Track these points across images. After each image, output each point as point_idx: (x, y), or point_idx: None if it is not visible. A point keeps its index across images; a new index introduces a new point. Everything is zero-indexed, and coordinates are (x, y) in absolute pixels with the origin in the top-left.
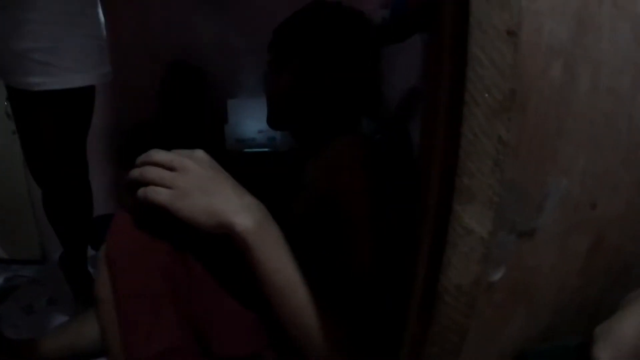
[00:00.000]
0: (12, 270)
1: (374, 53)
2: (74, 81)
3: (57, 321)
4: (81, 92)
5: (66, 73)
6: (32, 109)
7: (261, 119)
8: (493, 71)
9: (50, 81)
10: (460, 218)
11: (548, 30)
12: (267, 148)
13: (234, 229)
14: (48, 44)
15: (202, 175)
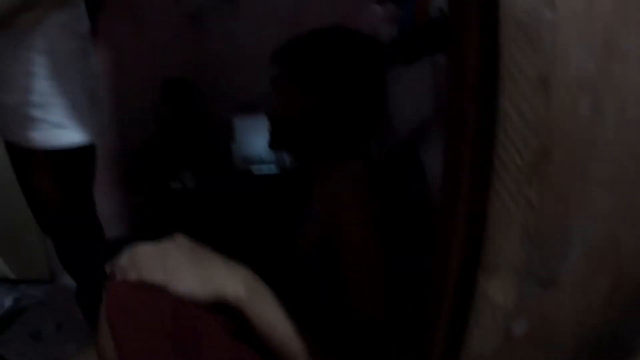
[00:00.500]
0: (20, 290)
1: (383, 77)
2: (66, 138)
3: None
4: (78, 148)
5: (57, 129)
6: (28, 164)
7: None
8: (524, 128)
9: (41, 137)
10: (484, 291)
11: (575, 62)
12: (275, 167)
13: (227, 298)
14: (37, 99)
15: (188, 254)
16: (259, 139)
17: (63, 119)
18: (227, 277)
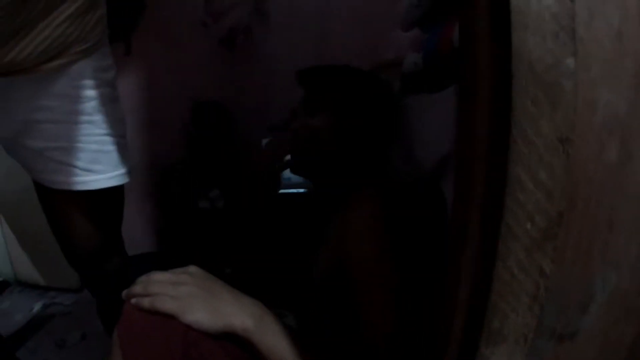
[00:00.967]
0: (49, 297)
1: (392, 110)
2: (94, 183)
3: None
4: (107, 191)
5: (85, 174)
6: (57, 205)
7: None
8: (538, 195)
9: (69, 181)
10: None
11: (602, 105)
12: (302, 188)
13: (236, 331)
14: (64, 144)
15: (200, 285)
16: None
17: (89, 164)
18: (237, 312)
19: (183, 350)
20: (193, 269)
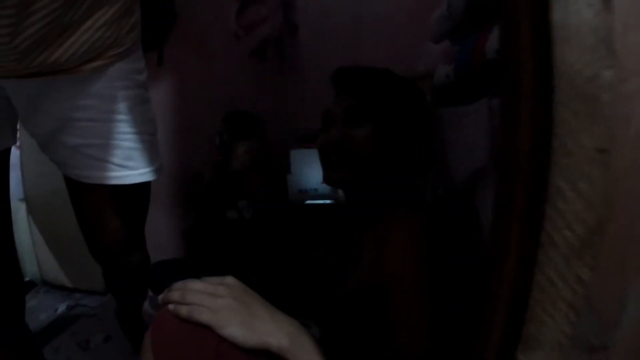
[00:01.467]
0: (75, 299)
1: (429, 123)
2: (127, 178)
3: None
4: (136, 186)
5: (119, 169)
6: (88, 200)
7: None
8: (578, 204)
9: (104, 176)
10: None
11: (639, 115)
12: (330, 199)
13: (272, 349)
14: (99, 141)
15: (237, 299)
16: (315, 171)
17: (123, 161)
18: (273, 331)
19: (215, 359)
20: (231, 280)
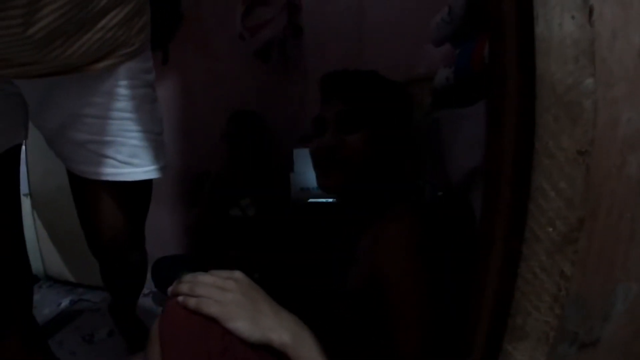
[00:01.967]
0: (78, 293)
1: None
2: (131, 175)
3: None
4: (139, 184)
5: (123, 166)
6: (90, 196)
7: None
8: (559, 202)
9: (108, 172)
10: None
11: (624, 122)
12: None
13: (274, 344)
14: (106, 138)
15: (245, 294)
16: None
17: (129, 158)
18: (275, 327)
19: (220, 351)
20: (239, 275)
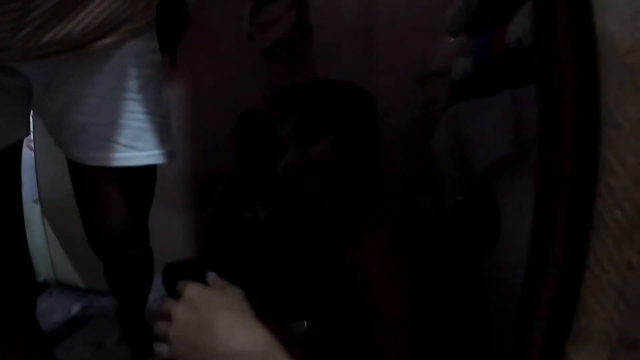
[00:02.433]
0: (88, 299)
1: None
2: (133, 159)
3: None
4: (142, 170)
5: (126, 150)
6: (90, 184)
7: None
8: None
9: (109, 157)
10: None
11: None
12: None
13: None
14: (107, 120)
15: (190, 322)
16: None
17: (130, 141)
18: (230, 354)
19: None
20: (190, 292)
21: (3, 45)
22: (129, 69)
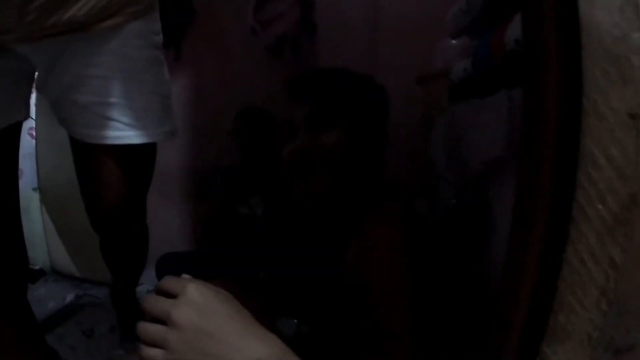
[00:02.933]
0: (83, 288)
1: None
2: (136, 137)
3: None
4: (143, 149)
5: (128, 129)
6: (92, 161)
7: None
8: (610, 172)
9: (111, 135)
10: None
11: None
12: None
13: None
14: (109, 99)
15: (196, 328)
16: None
17: (134, 121)
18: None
19: None
20: (191, 294)
21: (8, 27)
22: (131, 51)
